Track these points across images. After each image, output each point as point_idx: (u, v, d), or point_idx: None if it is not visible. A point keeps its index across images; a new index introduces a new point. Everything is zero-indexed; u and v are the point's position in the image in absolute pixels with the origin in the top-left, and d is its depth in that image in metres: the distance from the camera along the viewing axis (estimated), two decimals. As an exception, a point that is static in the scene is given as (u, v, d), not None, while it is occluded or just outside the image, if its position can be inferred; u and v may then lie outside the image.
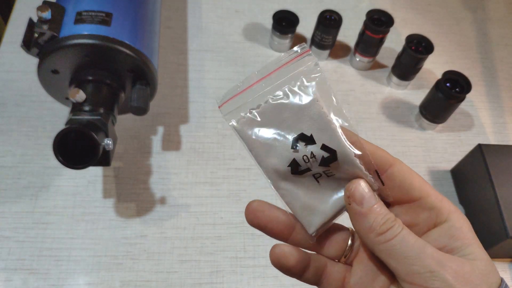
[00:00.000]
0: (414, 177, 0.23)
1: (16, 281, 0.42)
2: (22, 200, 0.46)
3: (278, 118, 0.22)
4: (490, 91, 0.64)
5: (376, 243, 0.21)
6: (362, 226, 0.22)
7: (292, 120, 0.22)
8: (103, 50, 0.41)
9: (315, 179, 0.23)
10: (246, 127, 0.22)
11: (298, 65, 0.23)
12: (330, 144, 0.22)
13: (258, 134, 0.22)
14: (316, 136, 0.22)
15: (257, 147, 0.22)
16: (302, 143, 0.22)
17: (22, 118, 0.52)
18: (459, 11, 0.73)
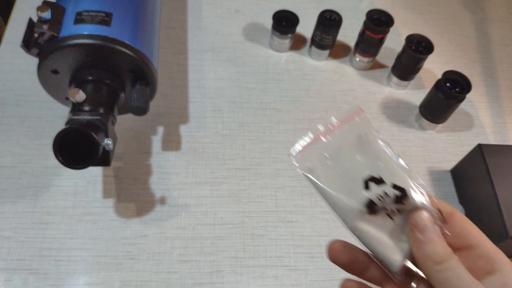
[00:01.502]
0: (473, 227, 0.25)
1: (16, 281, 0.42)
2: (22, 200, 0.46)
3: (349, 164, 0.25)
4: (490, 91, 0.64)
5: (433, 272, 0.23)
6: (421, 254, 0.23)
7: (362, 164, 0.25)
8: (103, 50, 0.41)
9: (390, 217, 0.25)
10: (320, 175, 0.25)
11: (356, 123, 0.26)
12: (399, 183, 0.24)
13: (332, 180, 0.25)
14: (385, 177, 0.24)
15: (331, 194, 0.25)
16: (373, 184, 0.24)
17: (22, 118, 0.52)
18: (459, 11, 0.73)
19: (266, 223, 0.48)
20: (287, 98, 0.58)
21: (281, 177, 0.52)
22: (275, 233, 0.48)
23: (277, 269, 0.45)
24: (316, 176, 0.25)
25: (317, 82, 0.61)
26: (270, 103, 0.58)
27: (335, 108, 0.58)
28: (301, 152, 0.26)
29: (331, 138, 0.26)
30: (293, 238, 0.47)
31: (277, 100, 0.58)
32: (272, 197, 0.50)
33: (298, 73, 0.61)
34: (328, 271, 0.46)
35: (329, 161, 0.25)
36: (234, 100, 0.57)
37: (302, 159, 0.26)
